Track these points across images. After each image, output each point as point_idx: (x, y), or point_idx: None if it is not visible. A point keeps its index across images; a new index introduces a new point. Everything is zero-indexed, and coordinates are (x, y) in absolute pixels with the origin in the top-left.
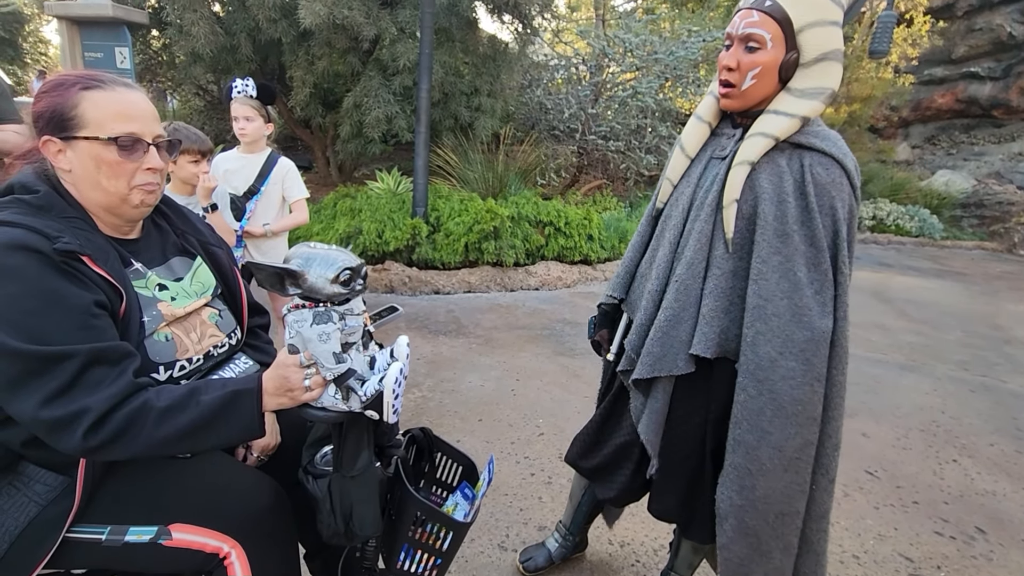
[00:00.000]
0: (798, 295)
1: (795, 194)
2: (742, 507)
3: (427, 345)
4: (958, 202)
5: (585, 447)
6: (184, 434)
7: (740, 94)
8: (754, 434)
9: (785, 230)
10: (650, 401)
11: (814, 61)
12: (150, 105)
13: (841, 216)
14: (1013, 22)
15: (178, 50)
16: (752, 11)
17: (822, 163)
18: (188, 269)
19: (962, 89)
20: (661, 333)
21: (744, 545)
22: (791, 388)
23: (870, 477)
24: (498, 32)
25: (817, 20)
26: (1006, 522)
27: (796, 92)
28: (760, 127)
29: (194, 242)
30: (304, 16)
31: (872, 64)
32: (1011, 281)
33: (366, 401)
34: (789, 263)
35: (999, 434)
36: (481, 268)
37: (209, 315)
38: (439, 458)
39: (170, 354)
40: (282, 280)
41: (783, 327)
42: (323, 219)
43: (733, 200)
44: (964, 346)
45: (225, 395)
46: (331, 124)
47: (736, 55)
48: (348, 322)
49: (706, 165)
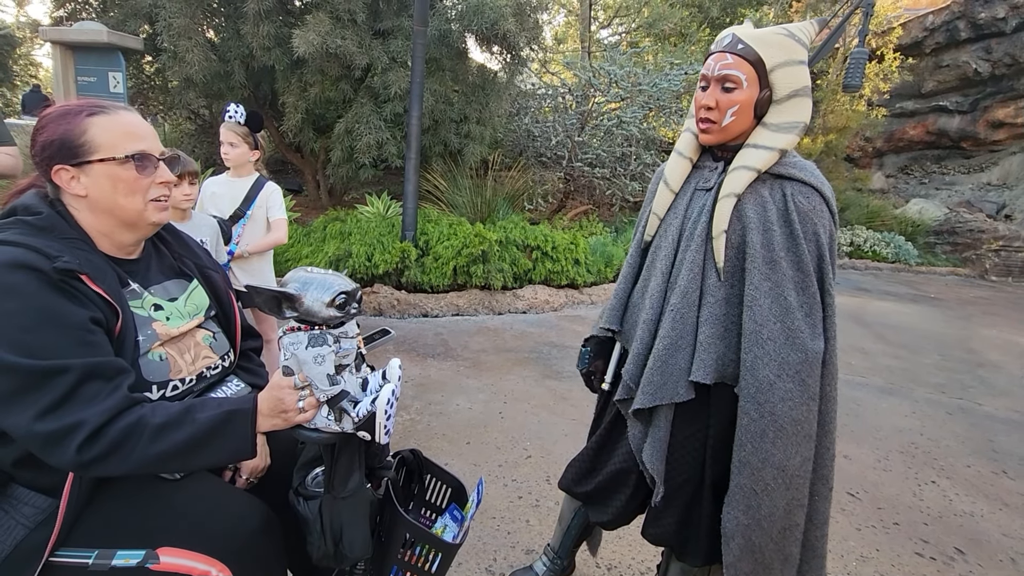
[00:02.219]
0: (790, 318)
1: (780, 222)
2: (748, 526)
3: (415, 368)
4: (931, 229)
5: (580, 474)
6: (178, 451)
7: (720, 130)
8: (758, 456)
9: (773, 257)
10: (652, 430)
11: (786, 98)
12: (149, 125)
13: (824, 241)
14: (978, 59)
15: (172, 76)
16: (726, 54)
17: (803, 192)
18: (183, 291)
19: (932, 122)
20: (660, 362)
21: (750, 561)
22: (789, 409)
23: (852, 498)
24: (487, 62)
25: (786, 60)
26: (984, 543)
27: (772, 127)
28: (743, 161)
29: (191, 265)
30: (298, 45)
31: (846, 97)
32: (983, 306)
33: (358, 422)
34: (779, 288)
35: (976, 456)
36: (469, 291)
37: (203, 337)
38: (428, 480)
39: (163, 374)
40: (279, 303)
41: (778, 350)
42: (313, 242)
43: (722, 231)
44: (940, 369)
45: (220, 414)
46: (322, 149)
47: (714, 95)
48: (342, 345)
49: (691, 197)
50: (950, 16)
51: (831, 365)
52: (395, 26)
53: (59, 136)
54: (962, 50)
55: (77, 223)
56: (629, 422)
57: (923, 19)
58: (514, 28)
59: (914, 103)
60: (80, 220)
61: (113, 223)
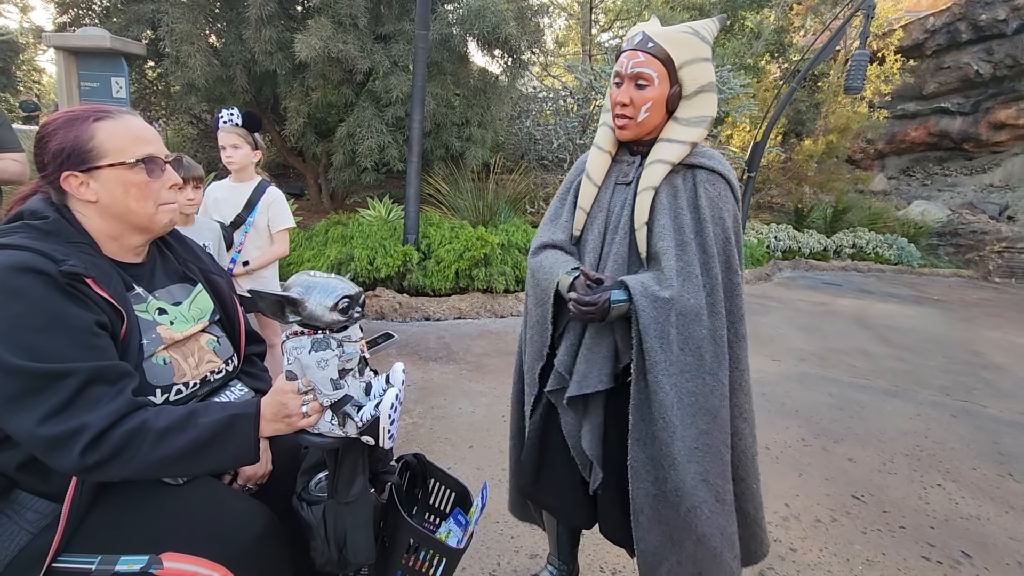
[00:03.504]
0: (699, 297)
1: (689, 208)
2: (656, 496)
3: (418, 371)
4: (934, 231)
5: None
6: (181, 455)
7: (636, 125)
8: (667, 430)
9: (684, 240)
10: (589, 417)
11: (694, 93)
12: (153, 128)
13: (729, 225)
14: (979, 60)
15: (174, 80)
16: (638, 52)
17: (710, 179)
18: (188, 295)
19: (934, 123)
20: (586, 350)
21: (658, 534)
22: (687, 381)
23: (857, 502)
24: (488, 65)
25: (693, 58)
26: (991, 546)
27: (683, 121)
28: (658, 155)
29: (195, 269)
30: (300, 49)
31: (847, 99)
32: (987, 308)
33: (362, 427)
34: (690, 268)
35: (981, 458)
36: (471, 295)
37: (207, 341)
38: (432, 484)
39: (167, 377)
40: (282, 308)
41: (686, 326)
42: (315, 246)
43: (644, 223)
44: (944, 371)
45: (224, 418)
46: (324, 153)
47: (628, 92)
48: (346, 349)
49: (612, 191)
50: (951, 18)
51: (744, 340)
52: (397, 30)
53: (67, 142)
54: (963, 52)
55: (83, 227)
56: (562, 411)
57: (924, 21)
58: (515, 32)
59: (915, 105)
60: (87, 225)
61: (124, 227)
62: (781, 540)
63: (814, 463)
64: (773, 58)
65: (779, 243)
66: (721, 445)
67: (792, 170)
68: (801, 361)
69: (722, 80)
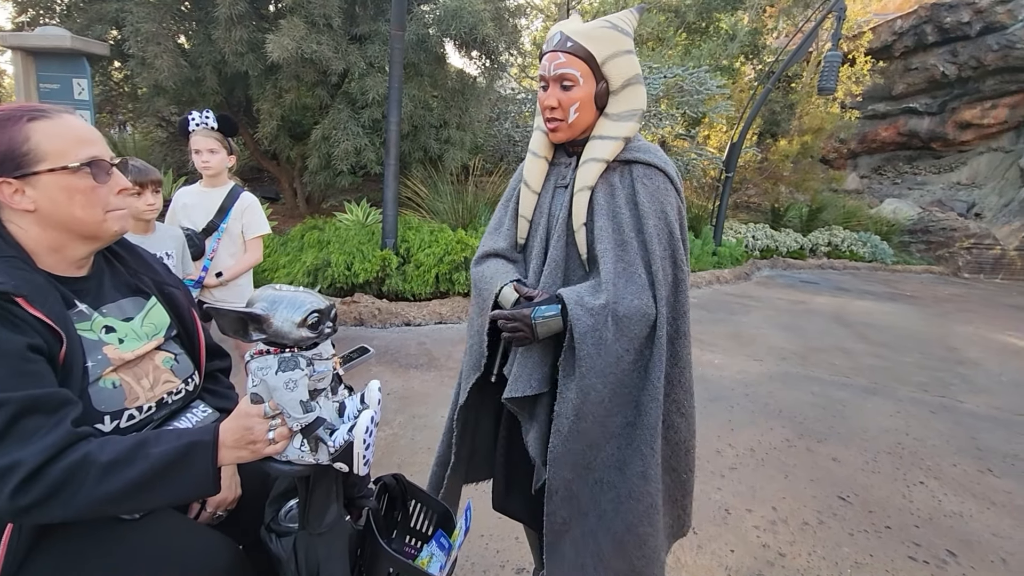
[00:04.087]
0: (645, 295)
1: (627, 205)
2: (571, 480)
3: (397, 379)
4: (905, 229)
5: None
6: (130, 491)
7: (568, 127)
8: (594, 423)
9: (623, 239)
10: (536, 423)
11: (622, 87)
12: (95, 128)
13: (672, 217)
14: (945, 62)
15: (140, 82)
16: (558, 53)
17: (647, 174)
18: (140, 309)
19: (903, 123)
20: (520, 355)
21: (567, 508)
22: (623, 376)
23: (843, 503)
24: (465, 67)
25: (615, 52)
26: (975, 544)
27: (613, 117)
28: (591, 153)
29: (148, 282)
30: (272, 50)
31: (821, 100)
32: (959, 303)
33: (335, 452)
34: (632, 267)
35: (961, 454)
36: (452, 299)
37: (163, 359)
38: (413, 505)
39: (118, 402)
40: (245, 325)
41: (629, 327)
42: (290, 251)
43: (582, 224)
44: (921, 368)
45: (178, 447)
46: (299, 156)
47: (555, 95)
48: (316, 368)
49: (552, 195)
50: (917, 20)
51: (685, 337)
52: (372, 31)
53: (2, 147)
54: (929, 53)
55: (14, 239)
56: (521, 417)
57: (892, 23)
58: (493, 32)
59: (885, 105)
60: (20, 236)
61: (67, 237)
62: (770, 545)
63: (799, 464)
64: (747, 59)
65: (757, 242)
66: (643, 444)
67: (768, 170)
68: (783, 360)
69: (699, 81)
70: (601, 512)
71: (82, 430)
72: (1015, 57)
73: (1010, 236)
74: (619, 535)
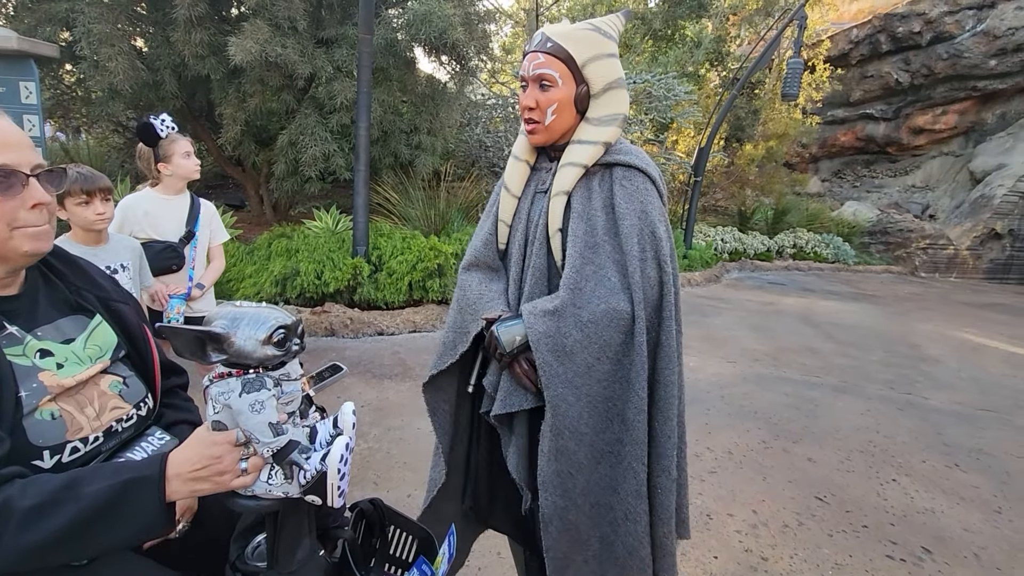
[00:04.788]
0: (614, 299)
1: (603, 209)
2: (565, 508)
3: (372, 391)
4: (865, 230)
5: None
6: (61, 538)
7: (545, 129)
8: (575, 439)
9: (595, 241)
10: (514, 438)
11: (603, 91)
12: (21, 131)
13: (655, 217)
14: (898, 70)
15: (94, 85)
16: (538, 54)
17: (627, 175)
18: (82, 329)
19: (860, 128)
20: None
21: (566, 540)
22: (603, 388)
23: (821, 503)
24: (435, 72)
25: (596, 55)
26: (947, 540)
27: (594, 121)
28: (569, 158)
29: (91, 298)
30: (235, 53)
31: (784, 105)
32: (918, 302)
33: (306, 484)
34: (603, 271)
35: (929, 451)
36: (426, 307)
37: (110, 384)
38: (392, 531)
39: (58, 435)
40: (203, 345)
41: (599, 332)
42: (257, 260)
43: (557, 229)
44: (887, 366)
45: (115, 485)
46: (265, 162)
47: (534, 95)
48: (284, 389)
49: (532, 200)
50: (872, 30)
51: (668, 347)
52: (339, 34)
53: None
54: (884, 61)
55: None
56: (502, 432)
57: (848, 32)
58: (463, 38)
59: (844, 111)
60: None
61: None
62: (752, 550)
63: (777, 465)
64: (712, 66)
65: (726, 245)
66: (634, 460)
67: (735, 174)
68: (755, 361)
69: (667, 87)
70: (602, 535)
71: (6, 471)
72: (963, 66)
73: (962, 236)
74: (621, 560)
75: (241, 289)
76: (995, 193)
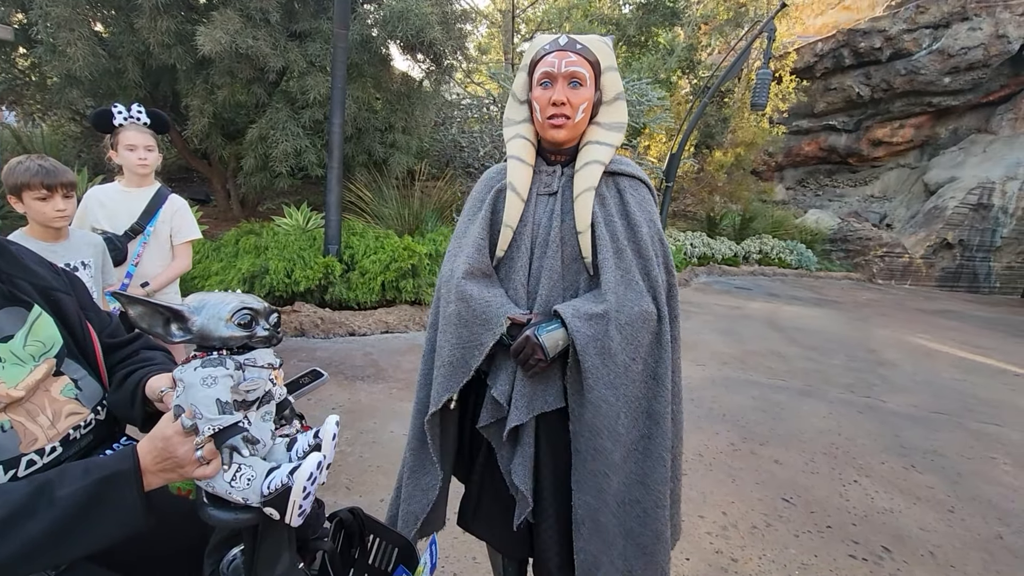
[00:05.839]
0: (644, 301)
1: (619, 215)
2: (597, 508)
3: (343, 392)
4: (827, 237)
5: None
6: (37, 548)
7: (572, 126)
8: (611, 439)
9: (618, 247)
10: (520, 448)
11: (612, 100)
12: None
13: (659, 226)
14: (860, 83)
15: (50, 71)
16: (568, 53)
17: (633, 185)
18: (21, 324)
19: (824, 139)
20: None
21: (597, 541)
22: (635, 387)
23: (787, 504)
24: (410, 70)
25: (610, 65)
26: (906, 538)
27: (605, 126)
28: (590, 156)
29: (27, 287)
30: (203, 43)
31: (753, 115)
32: (876, 308)
33: (269, 495)
34: (630, 275)
35: (887, 452)
36: (399, 307)
37: (61, 388)
38: (371, 540)
39: (11, 448)
40: (166, 321)
41: (633, 334)
42: (224, 257)
43: (587, 226)
44: (848, 369)
45: (90, 485)
46: (233, 156)
47: (564, 92)
48: (247, 374)
49: (535, 203)
50: (836, 44)
51: (677, 342)
52: (313, 28)
53: None
54: (847, 75)
55: None
56: (497, 445)
57: (813, 46)
58: (440, 36)
59: (808, 122)
60: None
61: None
62: (723, 551)
63: (745, 468)
64: (684, 74)
65: (695, 250)
66: (663, 451)
67: (704, 180)
68: (724, 365)
69: (640, 92)
70: (627, 531)
71: None
72: (919, 82)
73: (916, 245)
74: (649, 548)
75: (207, 287)
76: (947, 205)
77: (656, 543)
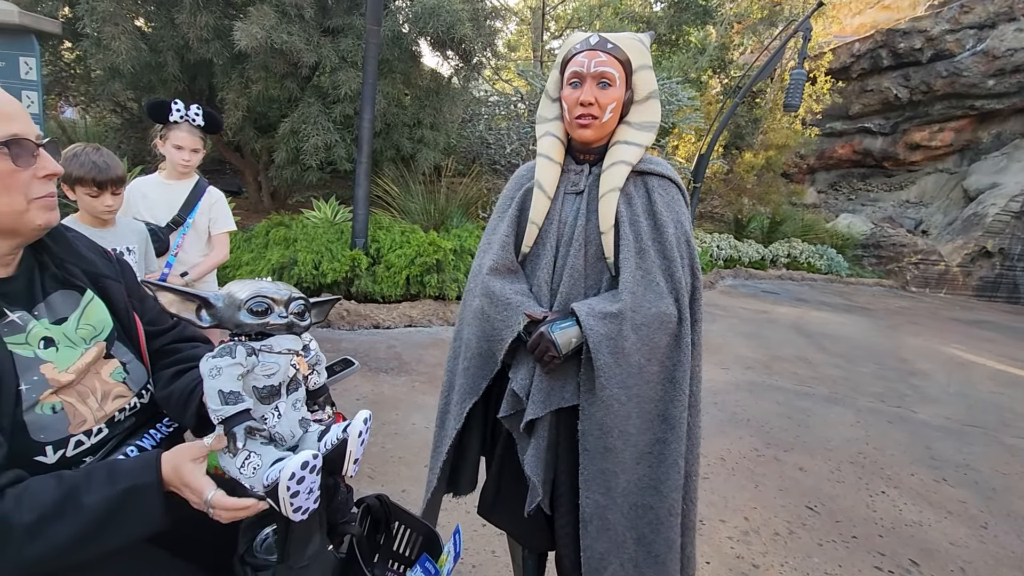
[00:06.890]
0: (664, 303)
1: (645, 215)
2: (606, 507)
3: (367, 384)
4: (859, 243)
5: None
6: (63, 550)
7: (600, 126)
8: (622, 439)
9: (641, 247)
10: (534, 440)
11: (645, 99)
12: (17, 101)
13: (687, 227)
14: (898, 85)
15: (95, 64)
16: (598, 52)
17: (662, 185)
18: (75, 307)
19: (858, 142)
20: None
21: (605, 540)
22: (650, 389)
23: (811, 512)
24: (438, 66)
25: (644, 63)
26: (935, 553)
27: (636, 125)
28: (618, 156)
29: (78, 272)
30: (240, 38)
31: (785, 116)
32: (908, 316)
33: (267, 486)
34: (650, 275)
35: (917, 464)
36: (423, 301)
37: (112, 371)
38: (396, 527)
39: (61, 429)
40: (197, 308)
41: (650, 335)
42: (254, 248)
43: (610, 226)
44: (877, 378)
45: (115, 495)
46: (265, 149)
47: (593, 91)
48: (262, 359)
49: (562, 201)
50: (874, 44)
51: (698, 346)
52: (345, 24)
53: None
54: (884, 76)
55: None
56: (517, 436)
57: (850, 46)
58: (471, 33)
59: (842, 124)
60: None
61: None
62: (744, 557)
63: (768, 473)
64: (715, 73)
65: (721, 252)
66: (678, 456)
67: (733, 181)
68: (748, 369)
69: (671, 92)
70: (639, 536)
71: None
72: (961, 84)
73: (953, 253)
74: (661, 556)
75: (237, 276)
76: (987, 212)
77: (668, 552)
